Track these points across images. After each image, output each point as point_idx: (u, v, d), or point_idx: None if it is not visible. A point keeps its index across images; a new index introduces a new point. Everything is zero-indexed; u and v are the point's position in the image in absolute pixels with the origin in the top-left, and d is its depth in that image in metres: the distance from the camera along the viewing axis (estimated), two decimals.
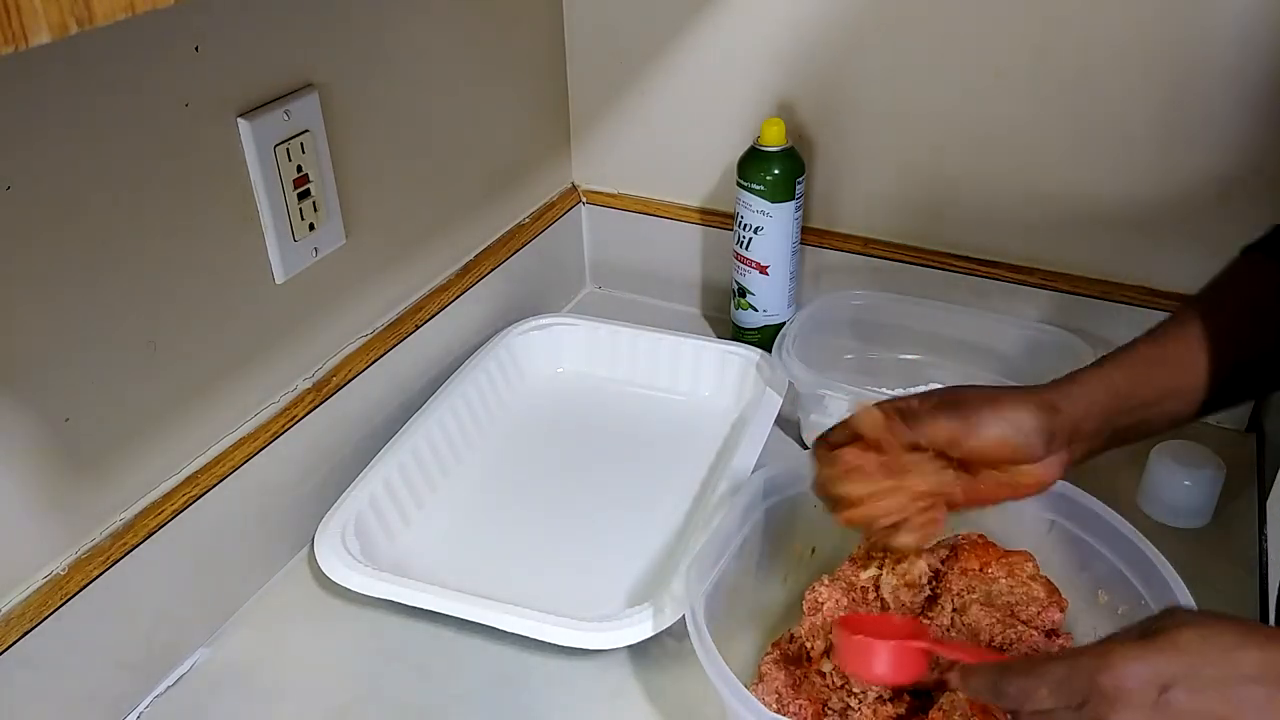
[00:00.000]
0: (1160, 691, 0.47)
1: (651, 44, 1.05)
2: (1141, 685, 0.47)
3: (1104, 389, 0.64)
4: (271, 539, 0.81)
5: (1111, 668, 0.48)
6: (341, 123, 0.80)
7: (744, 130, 1.03)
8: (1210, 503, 0.84)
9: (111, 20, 0.32)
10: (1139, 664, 0.48)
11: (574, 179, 1.16)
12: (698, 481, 0.89)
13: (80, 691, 0.67)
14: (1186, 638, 0.48)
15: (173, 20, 0.65)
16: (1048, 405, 0.62)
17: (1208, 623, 0.49)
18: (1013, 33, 0.90)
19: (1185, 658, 0.47)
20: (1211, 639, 0.48)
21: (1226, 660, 0.47)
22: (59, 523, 0.65)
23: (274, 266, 0.77)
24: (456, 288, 0.97)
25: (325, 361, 0.84)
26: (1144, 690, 0.47)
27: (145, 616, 0.71)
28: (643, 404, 1.00)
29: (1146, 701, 0.47)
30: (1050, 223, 0.96)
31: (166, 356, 0.70)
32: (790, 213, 0.99)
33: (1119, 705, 0.48)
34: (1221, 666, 0.47)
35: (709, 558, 0.69)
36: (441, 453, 0.89)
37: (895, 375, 0.98)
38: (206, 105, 0.69)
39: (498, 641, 0.74)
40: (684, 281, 1.15)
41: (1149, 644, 0.49)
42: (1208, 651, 0.48)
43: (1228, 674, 0.47)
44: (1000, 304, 1.00)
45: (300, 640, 0.77)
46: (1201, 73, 0.85)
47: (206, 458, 0.74)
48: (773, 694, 0.66)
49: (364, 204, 0.84)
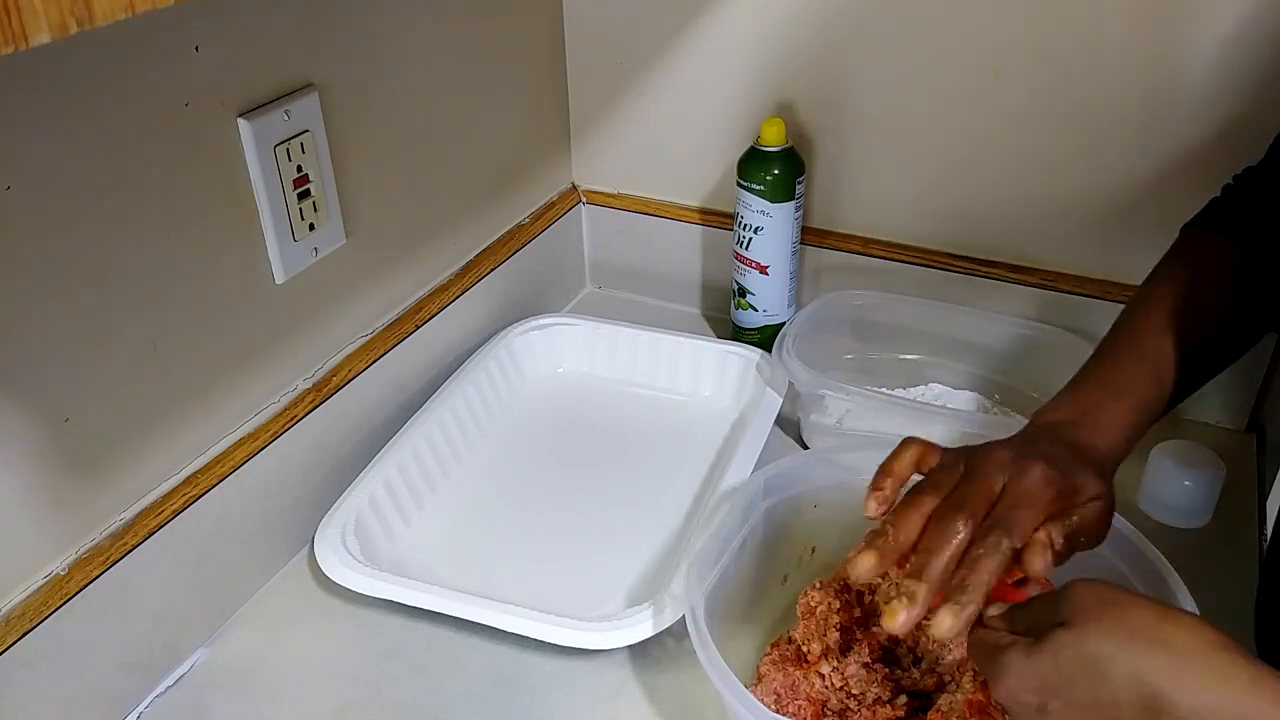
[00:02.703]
0: (1040, 706, 0.50)
1: (651, 44, 1.05)
2: (1025, 698, 0.51)
3: (1131, 423, 0.65)
4: (271, 539, 0.81)
5: (1000, 680, 0.52)
6: (341, 123, 0.80)
7: (744, 130, 1.03)
8: (1210, 503, 0.84)
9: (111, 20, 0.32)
10: (1022, 678, 0.51)
11: (574, 179, 1.16)
12: (698, 481, 0.89)
13: (80, 691, 0.67)
14: (1065, 650, 0.49)
15: (173, 20, 0.65)
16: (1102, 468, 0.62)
17: (1091, 626, 0.49)
18: (1012, 32, 0.90)
19: (1060, 673, 0.49)
20: (1086, 649, 0.48)
21: (1098, 677, 0.48)
22: (59, 523, 0.65)
23: (274, 266, 0.77)
24: (456, 288, 0.97)
25: (325, 361, 0.84)
26: (1029, 704, 0.50)
27: (145, 616, 0.71)
28: (643, 404, 1.00)
29: (1030, 714, 0.51)
30: (1050, 222, 0.96)
31: (166, 356, 0.70)
32: (790, 213, 0.99)
33: (1012, 713, 0.52)
34: (1093, 683, 0.48)
35: (709, 558, 0.69)
36: (441, 453, 0.89)
37: (895, 375, 0.99)
38: (206, 105, 0.69)
39: (498, 641, 0.74)
40: (684, 281, 1.15)
41: (1033, 655, 0.50)
42: (1080, 666, 0.48)
43: (1098, 693, 0.48)
44: (1000, 304, 1.00)
45: (300, 640, 0.77)
46: (1202, 73, 0.86)
47: (206, 458, 0.74)
48: (771, 694, 0.66)
49: (364, 204, 0.84)
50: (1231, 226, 0.70)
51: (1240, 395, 0.94)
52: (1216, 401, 0.95)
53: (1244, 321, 0.70)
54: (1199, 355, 0.67)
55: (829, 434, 0.91)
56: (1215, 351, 0.69)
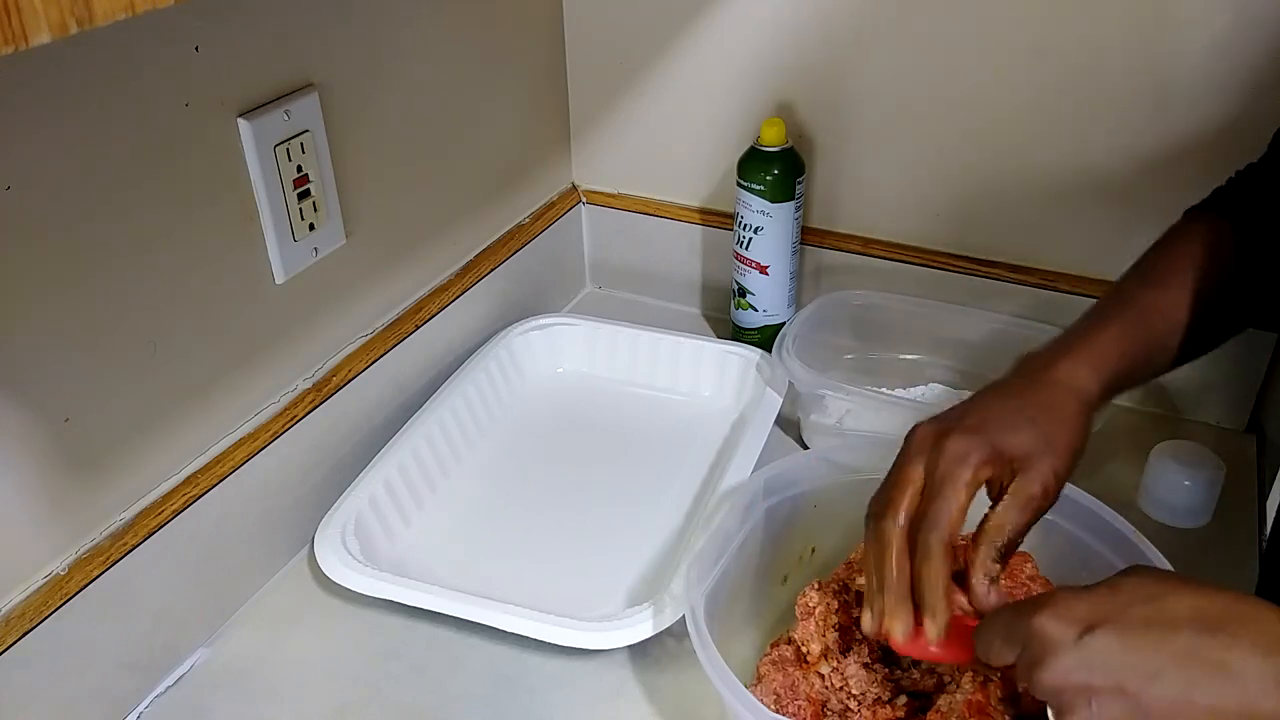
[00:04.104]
0: (1086, 629, 0.47)
1: (651, 44, 1.05)
2: (1070, 624, 0.48)
3: (1109, 360, 0.64)
4: (271, 539, 0.81)
5: (1043, 610, 0.49)
6: (341, 123, 0.80)
7: (744, 130, 1.03)
8: (1210, 503, 0.84)
9: (111, 20, 0.32)
10: (1070, 606, 0.48)
11: (574, 179, 1.16)
12: (698, 481, 0.89)
13: (80, 691, 0.67)
14: (1126, 583, 0.49)
15: (173, 20, 0.65)
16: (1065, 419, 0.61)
17: (1151, 573, 0.50)
18: (1013, 32, 0.90)
19: (1116, 599, 0.48)
20: (1148, 585, 0.48)
21: (1157, 603, 0.47)
22: (59, 523, 0.65)
23: (274, 266, 0.77)
24: (456, 288, 0.97)
25: (325, 361, 0.84)
26: (1071, 628, 0.47)
27: (145, 616, 0.71)
28: (643, 404, 1.00)
29: (1072, 640, 0.47)
30: (1050, 222, 0.96)
31: (166, 356, 0.70)
32: (790, 213, 0.99)
33: (1048, 647, 0.48)
34: (1150, 608, 0.47)
35: (709, 558, 0.69)
36: (441, 453, 0.89)
37: (895, 375, 0.99)
38: (206, 105, 0.69)
39: (498, 641, 0.74)
40: (684, 281, 1.15)
41: (1087, 589, 0.49)
42: (1140, 595, 0.48)
43: (1154, 616, 0.47)
44: (1000, 304, 1.00)
45: (300, 640, 0.77)
46: (1201, 74, 0.86)
47: (206, 458, 0.74)
48: (771, 695, 0.66)
49: (364, 204, 0.84)
50: (1229, 209, 0.71)
51: (1240, 395, 0.94)
52: (1216, 401, 0.95)
53: (1234, 299, 0.70)
54: (1185, 319, 0.67)
55: (829, 434, 0.92)
56: (1203, 322, 0.68)
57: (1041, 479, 0.58)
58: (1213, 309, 0.68)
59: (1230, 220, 0.70)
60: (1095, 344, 0.65)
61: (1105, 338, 0.65)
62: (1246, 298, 0.71)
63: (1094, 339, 0.65)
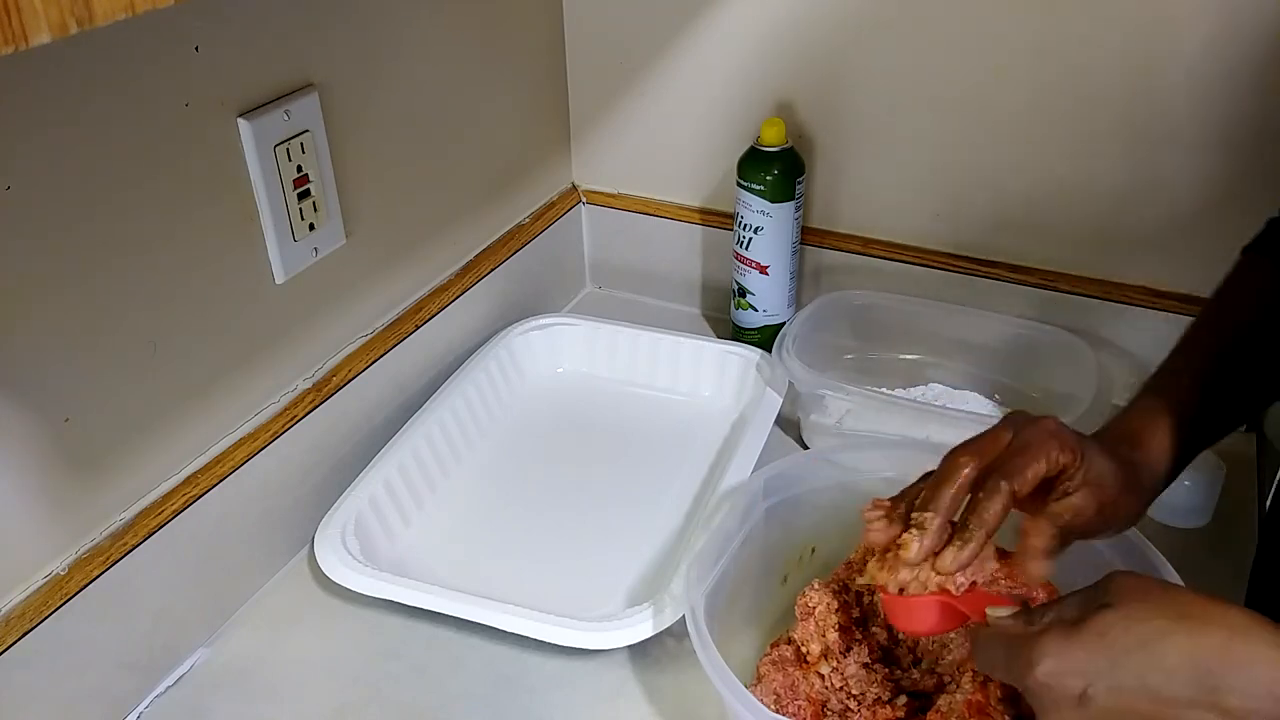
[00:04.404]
0: (1084, 689, 0.47)
1: (651, 44, 1.05)
2: (1067, 682, 0.48)
3: (1176, 439, 0.63)
4: (271, 539, 0.81)
5: (1037, 665, 0.49)
6: (341, 123, 0.80)
7: (744, 130, 1.03)
8: (1210, 503, 0.84)
9: (111, 20, 0.32)
10: (1064, 660, 0.48)
11: (574, 179, 1.16)
12: (698, 481, 0.89)
13: (80, 691, 0.67)
14: (1114, 627, 0.48)
15: (173, 20, 0.65)
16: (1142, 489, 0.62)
17: (1138, 603, 0.49)
18: (1013, 32, 0.90)
19: (1107, 653, 0.48)
20: (1135, 626, 0.48)
21: (1149, 654, 0.47)
22: (59, 523, 0.65)
23: (274, 266, 0.77)
24: (456, 288, 0.97)
25: (325, 361, 0.84)
26: (1070, 688, 0.48)
27: (145, 616, 0.71)
28: (643, 404, 1.00)
29: (1072, 698, 0.48)
30: (1050, 222, 0.96)
31: (166, 356, 0.70)
32: (790, 213, 0.99)
33: (1049, 703, 0.49)
34: (1143, 660, 0.47)
35: (709, 558, 0.69)
36: (441, 453, 0.89)
37: (895, 375, 0.99)
38: (206, 105, 0.69)
39: (498, 641, 0.74)
40: (684, 281, 1.15)
41: (1074, 638, 0.49)
42: (1130, 643, 0.47)
43: (1149, 670, 0.47)
44: (1000, 304, 1.00)
45: (300, 640, 0.77)
46: (1201, 74, 0.86)
47: (206, 458, 0.74)
48: (771, 695, 0.66)
49: (364, 204, 0.84)
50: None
51: None
52: None
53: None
54: (1247, 374, 0.66)
55: (829, 434, 0.91)
56: (1265, 372, 0.68)
57: (1103, 511, 0.59)
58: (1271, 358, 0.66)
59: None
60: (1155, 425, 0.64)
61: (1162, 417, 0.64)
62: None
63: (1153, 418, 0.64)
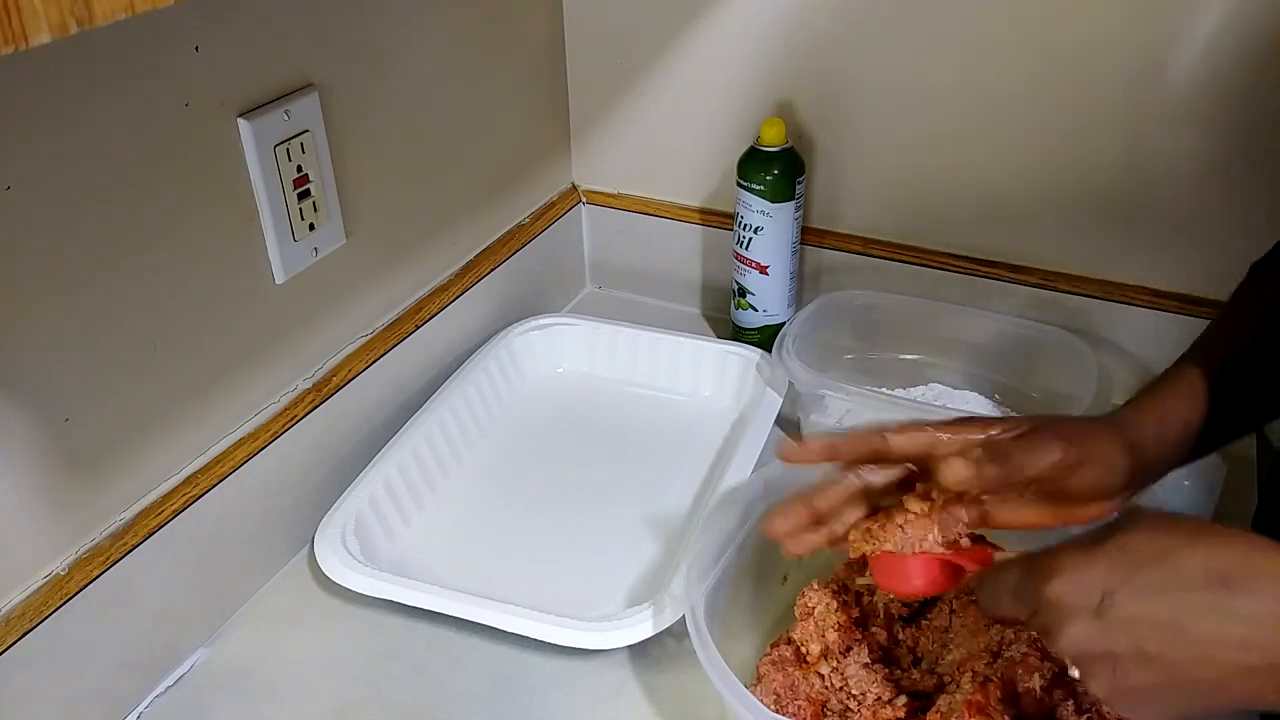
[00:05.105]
0: (1103, 597, 0.47)
1: (651, 44, 1.05)
2: (1085, 592, 0.48)
3: (1177, 424, 0.63)
4: (271, 539, 0.81)
5: (1056, 576, 0.49)
6: (341, 123, 0.80)
7: (744, 130, 1.03)
8: (1210, 503, 0.84)
9: (111, 20, 0.32)
10: (1082, 572, 0.48)
11: (574, 179, 1.16)
12: (698, 481, 0.89)
13: (80, 691, 0.67)
14: (1134, 541, 0.48)
15: (173, 20, 0.65)
16: (1133, 446, 0.61)
17: (1158, 524, 0.49)
18: (1012, 32, 0.90)
19: (1128, 562, 0.48)
20: (1157, 540, 0.48)
21: (1169, 563, 0.47)
22: (59, 523, 0.65)
23: (274, 266, 0.77)
24: (456, 288, 0.97)
25: (325, 361, 0.84)
26: (1087, 597, 0.48)
27: (145, 616, 0.71)
28: (643, 404, 1.00)
29: (1089, 608, 0.48)
30: (1050, 222, 0.96)
31: (166, 356, 0.70)
32: (790, 213, 0.99)
33: (1064, 615, 0.48)
34: (1163, 570, 0.47)
35: (709, 558, 0.69)
36: (441, 453, 0.89)
37: (895, 375, 0.98)
38: (206, 105, 0.69)
39: (498, 641, 0.74)
40: (684, 281, 1.15)
41: (1095, 550, 0.49)
42: (1151, 554, 0.47)
43: (1168, 579, 0.47)
44: (1000, 304, 1.00)
45: (300, 640, 0.77)
46: (1201, 74, 0.86)
47: (206, 458, 0.74)
48: (771, 695, 0.66)
49: (364, 204, 0.84)
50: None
51: None
52: None
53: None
54: (1246, 387, 0.65)
55: None
56: (1265, 388, 0.68)
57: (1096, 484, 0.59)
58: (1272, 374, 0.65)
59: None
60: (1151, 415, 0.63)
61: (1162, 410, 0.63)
62: None
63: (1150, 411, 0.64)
